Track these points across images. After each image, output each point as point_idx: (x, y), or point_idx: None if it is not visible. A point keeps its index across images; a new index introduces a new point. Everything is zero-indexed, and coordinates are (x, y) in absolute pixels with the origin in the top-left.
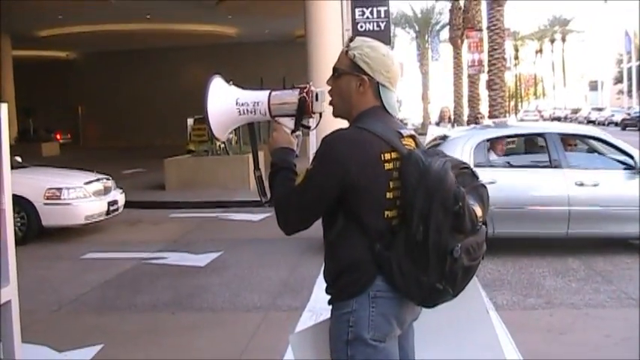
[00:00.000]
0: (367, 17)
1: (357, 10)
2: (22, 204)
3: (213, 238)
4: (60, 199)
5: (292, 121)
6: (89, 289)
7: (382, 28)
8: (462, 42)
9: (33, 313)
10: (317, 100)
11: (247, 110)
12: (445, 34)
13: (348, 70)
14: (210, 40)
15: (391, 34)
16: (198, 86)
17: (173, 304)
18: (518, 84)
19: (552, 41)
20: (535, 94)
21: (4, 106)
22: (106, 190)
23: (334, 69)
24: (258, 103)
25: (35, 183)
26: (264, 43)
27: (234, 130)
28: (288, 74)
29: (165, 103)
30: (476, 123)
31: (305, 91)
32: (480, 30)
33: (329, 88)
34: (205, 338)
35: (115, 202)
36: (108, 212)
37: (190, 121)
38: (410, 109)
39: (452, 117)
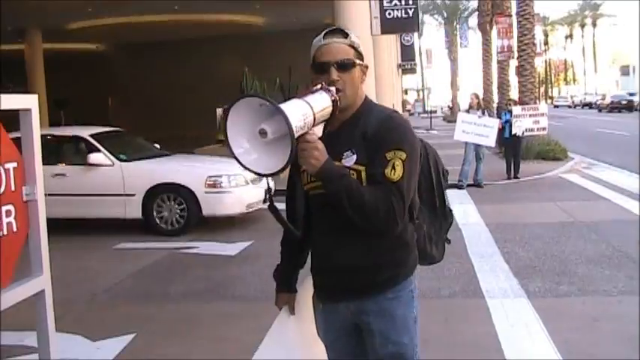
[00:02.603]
0: (395, 4)
1: None
2: (181, 193)
3: (243, 227)
4: (221, 187)
5: (321, 127)
6: (122, 278)
7: (410, 15)
8: (491, 28)
9: (67, 302)
10: None
11: (300, 127)
12: (474, 20)
13: (357, 60)
14: (239, 30)
15: (419, 21)
16: (227, 77)
17: (205, 293)
18: (548, 70)
19: (583, 26)
20: (565, 79)
21: (35, 97)
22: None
23: (346, 61)
24: (306, 116)
25: (195, 171)
26: (291, 32)
27: None
28: None
29: (195, 94)
30: (507, 110)
31: (330, 91)
32: (510, 15)
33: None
34: (238, 327)
35: (270, 190)
36: (265, 200)
37: (219, 111)
38: (439, 97)
39: (482, 104)
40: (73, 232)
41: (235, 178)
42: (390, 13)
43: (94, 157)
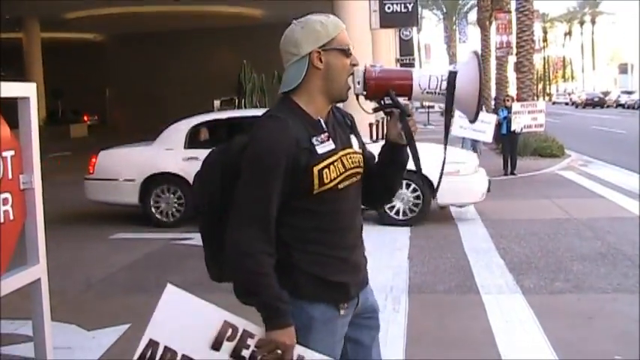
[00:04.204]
0: None
1: None
2: (414, 179)
3: None
4: (459, 174)
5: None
6: (118, 269)
7: (409, 9)
8: (490, 24)
9: (62, 292)
10: None
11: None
12: (473, 15)
13: None
14: (236, 22)
15: (418, 16)
16: (225, 69)
17: (201, 284)
18: (546, 67)
19: (582, 23)
20: (564, 76)
21: (33, 85)
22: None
23: None
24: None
25: (432, 155)
26: (290, 25)
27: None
28: None
29: (192, 85)
30: (504, 106)
31: None
32: (509, 12)
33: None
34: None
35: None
36: (488, 189)
37: (217, 103)
38: None
39: None
40: (68, 222)
41: (469, 166)
42: (389, 7)
43: None
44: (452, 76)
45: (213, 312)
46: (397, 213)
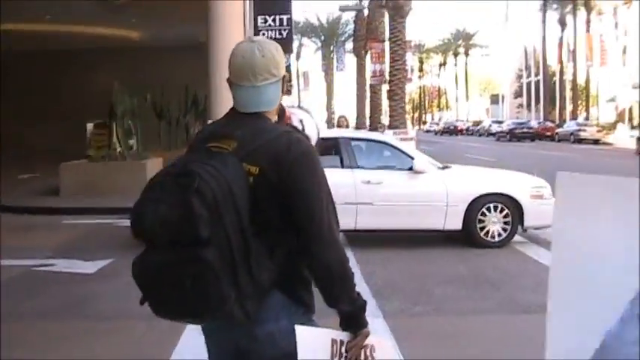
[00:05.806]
0: (269, 25)
1: (259, 17)
2: (505, 202)
3: (105, 245)
4: (543, 198)
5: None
6: None
7: (284, 36)
8: (366, 53)
9: None
10: None
11: None
12: (351, 44)
13: None
14: (113, 44)
15: (295, 43)
16: (100, 91)
17: (62, 311)
18: (422, 96)
19: (456, 55)
20: (439, 106)
21: None
22: None
23: None
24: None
25: (519, 180)
26: (167, 48)
27: (135, 135)
28: (190, 81)
29: (66, 107)
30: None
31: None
32: (383, 41)
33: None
34: (93, 346)
35: None
36: None
37: (90, 126)
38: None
39: (348, 126)
40: None
41: (549, 190)
42: (264, 34)
43: (418, 164)
44: (302, 125)
45: (323, 334)
46: (490, 235)
